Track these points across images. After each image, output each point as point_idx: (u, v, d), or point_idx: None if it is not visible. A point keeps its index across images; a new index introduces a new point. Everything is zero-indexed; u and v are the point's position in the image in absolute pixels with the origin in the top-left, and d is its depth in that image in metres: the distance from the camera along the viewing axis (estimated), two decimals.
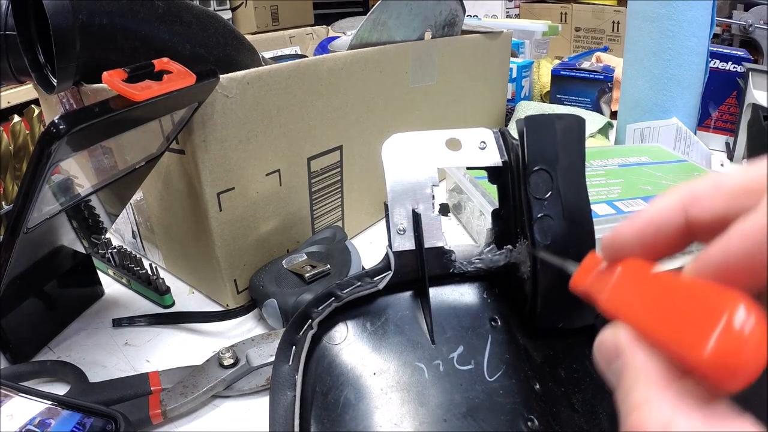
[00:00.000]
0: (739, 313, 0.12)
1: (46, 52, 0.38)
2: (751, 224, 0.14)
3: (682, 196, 0.17)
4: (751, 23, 1.36)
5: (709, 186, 0.16)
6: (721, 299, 0.13)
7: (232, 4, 1.86)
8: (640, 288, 0.16)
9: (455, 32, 0.65)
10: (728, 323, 0.12)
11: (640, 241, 0.17)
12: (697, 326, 0.13)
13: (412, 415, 0.26)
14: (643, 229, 0.17)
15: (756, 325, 0.12)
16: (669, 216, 0.17)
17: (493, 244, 0.31)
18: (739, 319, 0.12)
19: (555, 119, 0.28)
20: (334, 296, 0.28)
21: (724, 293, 0.13)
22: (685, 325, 0.14)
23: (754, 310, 0.12)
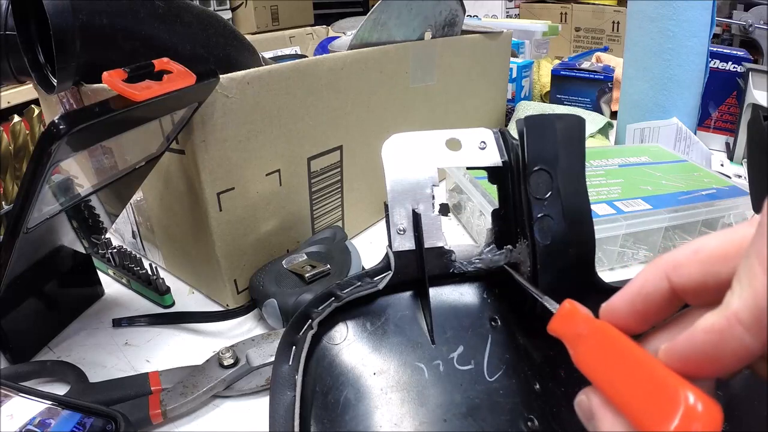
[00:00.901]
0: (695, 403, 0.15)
1: (46, 52, 0.38)
2: (711, 322, 0.16)
3: (665, 265, 0.18)
4: (751, 23, 1.36)
5: (689, 253, 0.17)
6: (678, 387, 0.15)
7: (232, 4, 1.86)
8: (611, 357, 0.18)
9: (455, 32, 0.65)
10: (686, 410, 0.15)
11: (632, 310, 0.18)
12: (660, 406, 0.15)
13: (412, 415, 0.26)
14: (632, 299, 0.19)
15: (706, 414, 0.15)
16: (653, 285, 0.18)
17: (493, 244, 0.31)
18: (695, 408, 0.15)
19: (555, 119, 0.28)
20: (334, 296, 0.28)
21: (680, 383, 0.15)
22: (649, 403, 0.16)
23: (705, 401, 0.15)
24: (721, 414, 0.15)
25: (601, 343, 0.18)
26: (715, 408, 0.15)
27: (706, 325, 0.16)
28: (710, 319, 0.16)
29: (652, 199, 0.50)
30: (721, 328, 0.15)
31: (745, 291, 0.15)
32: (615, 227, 0.47)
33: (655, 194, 0.51)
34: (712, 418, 0.15)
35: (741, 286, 0.15)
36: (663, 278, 0.18)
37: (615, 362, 0.17)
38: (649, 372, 0.16)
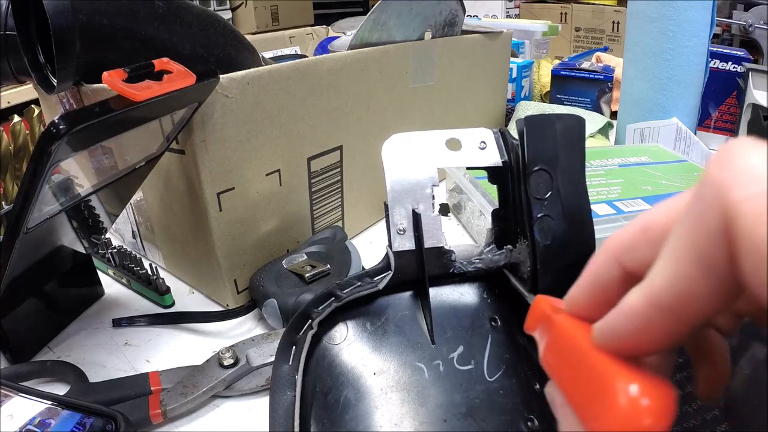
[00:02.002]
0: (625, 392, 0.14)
1: (46, 52, 0.38)
2: (631, 304, 0.15)
3: (615, 250, 0.17)
4: (751, 23, 1.36)
5: (637, 233, 0.16)
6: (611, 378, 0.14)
7: (232, 4, 1.86)
8: (563, 354, 0.17)
9: (455, 32, 0.65)
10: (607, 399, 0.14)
11: (592, 301, 0.17)
12: (595, 402, 0.14)
13: (412, 415, 0.26)
14: (589, 290, 0.18)
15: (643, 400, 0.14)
16: (607, 273, 0.17)
17: (493, 244, 0.31)
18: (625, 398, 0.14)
19: (555, 119, 0.28)
20: (334, 296, 0.28)
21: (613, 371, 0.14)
22: (587, 397, 0.15)
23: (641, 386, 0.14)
24: (672, 394, 0.14)
25: (557, 339, 0.18)
26: (660, 392, 0.14)
27: (626, 308, 0.15)
28: (632, 300, 0.15)
29: (652, 200, 0.50)
30: (641, 312, 0.14)
31: (668, 272, 0.14)
32: (615, 227, 0.47)
33: (655, 194, 0.52)
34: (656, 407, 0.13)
35: (665, 264, 0.14)
36: (614, 264, 0.17)
37: (566, 359, 0.17)
38: (591, 366, 0.15)
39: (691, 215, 0.13)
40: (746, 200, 0.11)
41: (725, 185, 0.12)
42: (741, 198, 0.12)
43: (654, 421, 0.13)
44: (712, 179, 0.13)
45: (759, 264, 0.11)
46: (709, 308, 0.13)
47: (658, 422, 0.13)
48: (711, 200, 0.12)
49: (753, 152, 0.12)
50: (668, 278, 0.13)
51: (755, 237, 0.11)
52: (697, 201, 0.13)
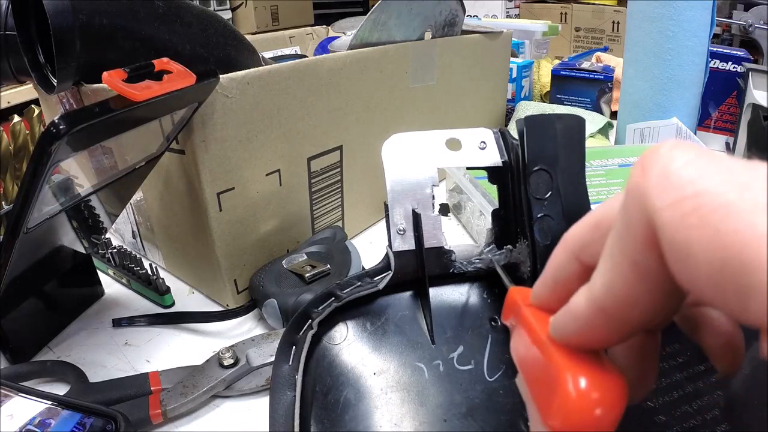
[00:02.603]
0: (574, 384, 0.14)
1: (46, 52, 0.38)
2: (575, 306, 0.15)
3: (572, 246, 0.17)
4: (751, 23, 1.36)
5: (591, 230, 0.16)
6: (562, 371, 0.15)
7: (232, 4, 1.86)
8: (525, 344, 0.17)
9: (455, 32, 0.65)
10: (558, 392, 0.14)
11: (554, 296, 0.17)
12: (549, 394, 0.15)
13: (412, 415, 0.26)
14: (550, 285, 0.18)
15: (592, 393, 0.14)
16: (566, 269, 0.17)
17: (493, 244, 0.31)
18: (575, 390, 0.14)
19: (555, 119, 0.28)
20: (334, 296, 0.28)
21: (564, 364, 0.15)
22: (543, 390, 0.15)
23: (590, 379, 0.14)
24: (621, 384, 0.14)
25: (522, 330, 0.18)
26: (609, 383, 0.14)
27: (572, 309, 0.15)
28: (576, 302, 0.15)
29: None
30: (585, 314, 0.14)
31: (606, 276, 0.14)
32: None
33: None
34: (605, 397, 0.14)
35: (603, 268, 0.14)
36: (572, 259, 0.17)
37: (528, 351, 0.17)
38: (547, 359, 0.16)
39: (620, 222, 0.13)
40: (666, 208, 0.12)
41: (646, 194, 0.12)
42: (660, 206, 0.12)
43: (604, 410, 0.13)
44: (635, 186, 0.13)
45: (687, 269, 0.11)
46: (648, 311, 0.13)
47: (608, 411, 0.14)
48: (634, 210, 0.12)
49: (674, 157, 0.12)
50: (606, 283, 0.14)
51: (678, 244, 0.11)
52: (624, 208, 0.13)
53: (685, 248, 0.11)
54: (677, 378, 0.26)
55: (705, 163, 0.12)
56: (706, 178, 0.11)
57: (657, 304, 0.13)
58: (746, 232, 0.10)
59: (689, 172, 0.12)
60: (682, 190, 0.11)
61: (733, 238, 0.10)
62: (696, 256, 0.11)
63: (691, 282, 0.11)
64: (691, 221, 0.11)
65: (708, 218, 0.11)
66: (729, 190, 0.11)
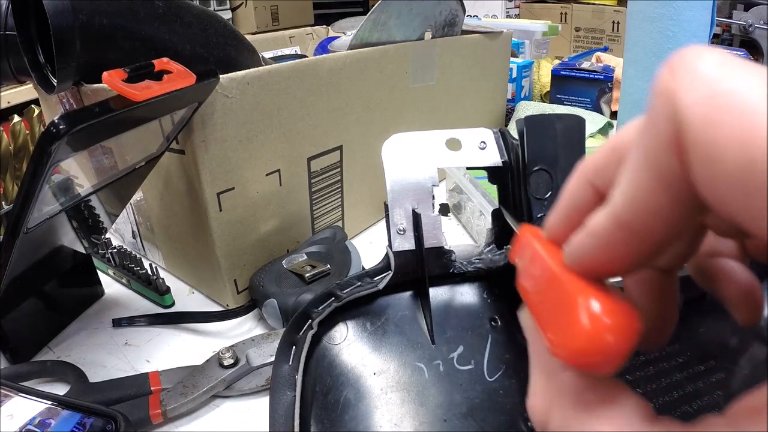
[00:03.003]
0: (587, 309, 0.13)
1: (46, 52, 0.38)
2: (595, 225, 0.14)
3: (586, 172, 0.16)
4: (751, 23, 1.36)
5: (607, 154, 0.15)
6: (574, 295, 0.14)
7: (232, 4, 1.86)
8: (535, 274, 0.17)
9: (455, 32, 0.65)
10: (569, 318, 0.13)
11: (569, 225, 0.17)
12: (560, 322, 0.14)
13: (412, 415, 0.26)
14: (565, 214, 0.17)
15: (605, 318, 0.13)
16: (580, 196, 0.16)
17: (493, 244, 0.31)
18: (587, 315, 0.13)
19: (555, 119, 0.28)
20: (334, 296, 0.28)
21: (577, 290, 0.14)
22: (553, 317, 0.15)
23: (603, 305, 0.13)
24: (636, 314, 0.13)
25: (532, 262, 0.17)
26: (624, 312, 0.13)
27: (590, 228, 0.14)
28: (595, 220, 0.14)
29: None
30: (604, 231, 0.14)
31: (626, 186, 0.13)
32: None
33: None
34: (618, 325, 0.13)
35: (624, 179, 0.13)
36: (587, 186, 0.16)
37: (538, 280, 0.17)
38: (559, 285, 0.15)
39: (645, 127, 0.12)
40: (694, 104, 0.11)
41: (674, 91, 0.11)
42: (689, 102, 0.11)
43: (615, 338, 0.13)
44: (662, 87, 0.12)
45: (707, 170, 0.11)
46: (670, 224, 0.13)
47: (620, 340, 0.13)
48: (662, 108, 0.12)
49: (703, 57, 0.12)
50: (627, 195, 0.13)
51: (706, 143, 0.11)
52: (651, 111, 0.12)
53: (711, 148, 0.10)
54: (677, 378, 0.26)
55: (736, 64, 0.11)
56: (739, 78, 0.11)
57: (679, 217, 0.12)
58: None
59: (721, 71, 0.11)
60: (713, 86, 0.11)
61: (764, 139, 0.10)
62: (723, 157, 0.10)
63: (714, 188, 0.11)
64: (720, 118, 0.10)
65: (739, 117, 0.10)
66: (761, 91, 0.10)
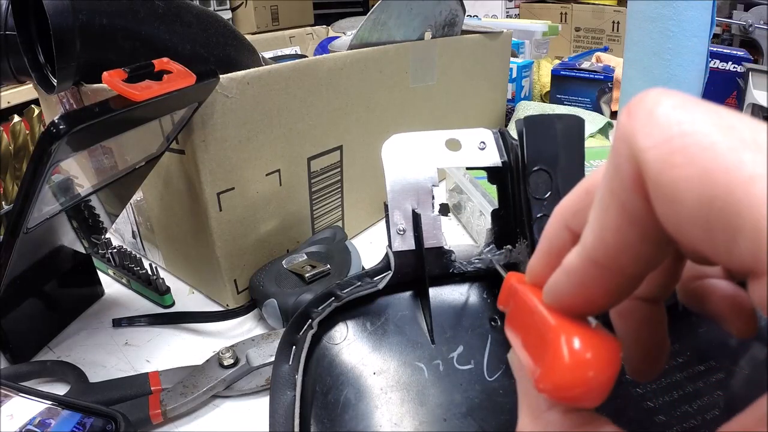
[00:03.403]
0: (567, 344, 0.14)
1: (46, 52, 0.38)
2: (569, 263, 0.15)
3: (562, 214, 0.17)
4: (751, 23, 1.36)
5: (581, 196, 0.16)
6: (551, 333, 0.14)
7: (232, 4, 1.86)
8: (520, 317, 0.17)
9: (455, 32, 0.65)
10: (551, 354, 0.14)
11: (549, 268, 0.17)
12: (544, 358, 0.14)
13: (412, 415, 0.26)
14: (545, 259, 0.17)
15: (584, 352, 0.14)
16: (558, 239, 0.17)
17: (493, 244, 0.31)
18: (567, 350, 0.14)
19: (555, 119, 0.28)
20: (334, 296, 0.28)
21: (558, 327, 0.15)
22: (539, 356, 0.15)
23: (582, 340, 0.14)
24: (615, 347, 0.14)
25: (517, 305, 0.18)
26: (603, 345, 0.14)
27: (565, 266, 0.15)
28: (569, 259, 0.15)
29: None
30: (577, 269, 0.14)
31: (596, 226, 0.14)
32: None
33: None
34: (599, 359, 0.13)
35: (593, 219, 0.14)
36: (564, 228, 0.16)
37: (523, 322, 0.17)
38: (541, 325, 0.16)
39: (610, 168, 0.13)
40: (652, 148, 0.11)
41: (633, 134, 0.12)
42: (647, 146, 0.12)
43: (595, 370, 0.13)
44: (621, 131, 0.13)
45: (673, 211, 0.11)
46: (640, 258, 0.13)
47: (600, 372, 0.13)
48: (622, 151, 0.12)
49: (660, 101, 0.12)
50: (596, 233, 0.13)
51: (664, 184, 0.11)
52: (613, 154, 0.13)
53: (671, 189, 0.11)
54: (677, 378, 0.26)
55: (692, 107, 0.12)
56: (694, 120, 0.11)
57: (647, 251, 0.13)
58: (735, 171, 0.10)
59: (676, 114, 0.12)
60: (668, 129, 0.11)
61: (721, 177, 0.10)
62: (682, 197, 0.11)
63: (677, 225, 0.11)
64: (677, 160, 0.11)
65: (695, 157, 0.11)
66: (717, 131, 0.11)
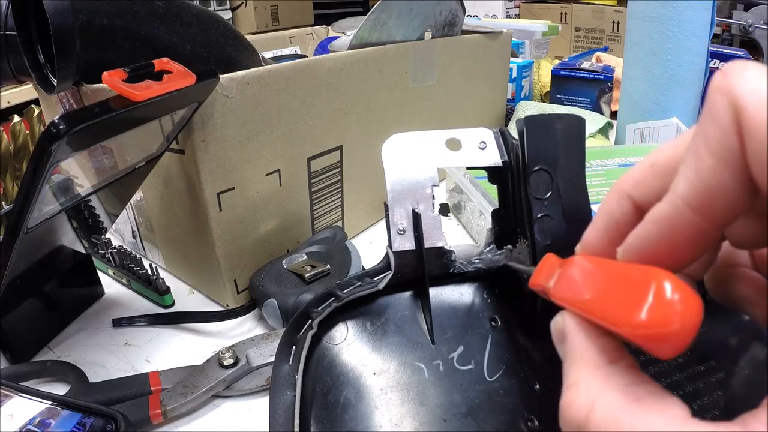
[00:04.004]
0: (665, 287, 0.14)
1: (46, 52, 0.38)
2: (659, 210, 0.15)
3: (624, 186, 0.17)
4: (751, 23, 1.36)
5: (645, 168, 0.17)
6: (646, 277, 0.14)
7: (232, 4, 1.86)
8: (582, 275, 0.17)
9: (455, 32, 0.65)
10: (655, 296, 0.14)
11: (607, 241, 0.18)
12: (630, 303, 0.14)
13: (412, 415, 0.26)
14: (604, 229, 0.18)
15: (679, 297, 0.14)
16: (619, 209, 0.17)
17: (493, 244, 0.31)
18: (664, 292, 0.14)
19: (555, 119, 0.28)
20: (334, 296, 0.28)
21: (649, 272, 0.15)
22: (620, 303, 0.15)
23: (676, 284, 0.14)
24: (700, 303, 0.14)
25: (576, 270, 0.18)
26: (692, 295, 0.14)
27: (654, 215, 0.15)
28: (659, 207, 0.15)
29: None
30: (669, 215, 0.15)
31: (690, 172, 0.14)
32: None
33: None
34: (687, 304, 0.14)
35: (686, 168, 0.14)
36: (626, 199, 0.17)
37: (589, 281, 0.17)
38: (624, 275, 0.16)
39: (705, 120, 0.14)
40: (750, 93, 0.13)
41: (731, 86, 0.13)
42: (744, 92, 0.13)
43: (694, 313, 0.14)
44: (718, 85, 0.14)
45: (761, 147, 0.12)
46: (730, 204, 0.14)
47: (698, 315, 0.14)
48: (720, 101, 0.13)
49: (748, 66, 0.14)
50: (691, 178, 0.14)
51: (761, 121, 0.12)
52: (708, 107, 0.14)
53: (761, 125, 0.12)
54: (677, 378, 0.26)
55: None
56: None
57: (738, 198, 0.14)
58: None
59: (763, 73, 0.13)
60: (762, 80, 0.13)
61: None
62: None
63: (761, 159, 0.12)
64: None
65: None
66: None
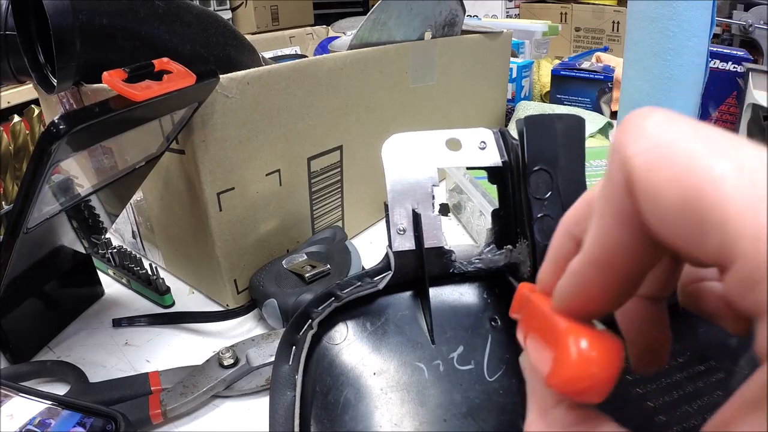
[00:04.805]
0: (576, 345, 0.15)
1: (46, 52, 0.38)
2: (572, 264, 0.16)
3: (567, 224, 0.18)
4: (751, 23, 1.36)
5: (583, 206, 0.18)
6: (564, 334, 0.16)
7: (232, 4, 1.86)
8: (530, 322, 0.19)
9: (455, 32, 0.65)
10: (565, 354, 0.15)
11: (554, 275, 0.18)
12: (554, 357, 0.16)
13: (412, 415, 0.26)
14: (552, 268, 0.19)
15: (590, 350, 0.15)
16: (563, 248, 0.18)
17: (493, 244, 0.31)
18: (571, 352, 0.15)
19: (555, 119, 0.28)
20: (334, 296, 0.28)
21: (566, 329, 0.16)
22: (548, 356, 0.16)
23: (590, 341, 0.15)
24: (619, 347, 0.15)
25: (528, 312, 0.19)
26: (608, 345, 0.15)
27: (570, 268, 0.16)
28: (573, 262, 0.16)
29: None
30: (579, 271, 0.16)
31: (593, 230, 0.15)
32: None
33: None
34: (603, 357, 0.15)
35: (592, 225, 0.15)
36: (569, 238, 0.18)
37: (533, 327, 0.18)
38: (550, 328, 0.17)
39: (605, 178, 0.15)
40: (638, 155, 0.13)
41: (623, 145, 0.14)
42: (634, 154, 0.13)
43: (599, 366, 0.15)
44: (615, 142, 0.14)
45: (652, 208, 0.13)
46: (633, 258, 0.15)
47: (604, 367, 0.15)
48: (615, 160, 0.14)
49: (649, 116, 0.14)
50: (594, 236, 0.15)
51: (648, 186, 0.13)
52: (609, 164, 0.15)
53: (654, 189, 0.13)
54: (677, 378, 0.26)
55: (675, 121, 0.14)
56: (675, 131, 0.13)
57: (639, 252, 0.14)
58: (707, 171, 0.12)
59: (661, 127, 0.14)
60: (653, 139, 0.13)
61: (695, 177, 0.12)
62: (663, 195, 0.12)
63: (659, 223, 0.13)
64: (659, 164, 0.13)
65: (674, 161, 0.12)
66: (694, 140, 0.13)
